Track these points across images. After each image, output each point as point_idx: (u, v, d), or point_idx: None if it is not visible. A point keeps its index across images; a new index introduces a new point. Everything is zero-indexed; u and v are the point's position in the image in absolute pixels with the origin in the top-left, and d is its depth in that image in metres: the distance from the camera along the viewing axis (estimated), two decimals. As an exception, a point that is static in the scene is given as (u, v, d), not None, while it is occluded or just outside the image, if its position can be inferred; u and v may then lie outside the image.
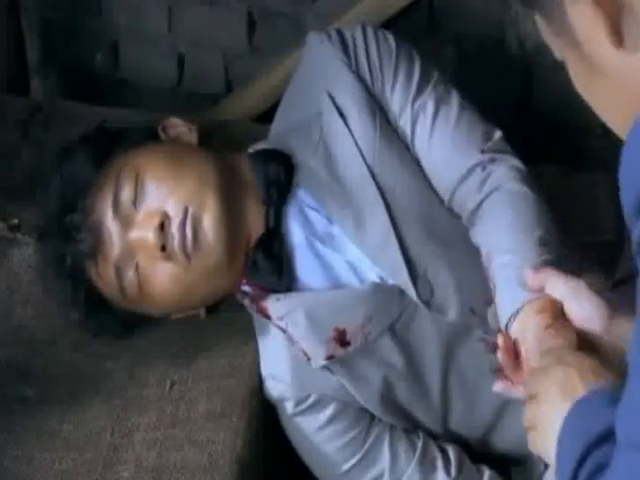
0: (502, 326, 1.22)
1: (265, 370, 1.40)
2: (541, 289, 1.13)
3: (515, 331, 1.16)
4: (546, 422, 0.98)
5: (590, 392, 0.93)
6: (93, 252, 1.36)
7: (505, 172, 1.36)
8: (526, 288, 1.16)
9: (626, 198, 0.75)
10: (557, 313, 1.11)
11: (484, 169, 1.37)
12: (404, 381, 1.36)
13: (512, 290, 1.22)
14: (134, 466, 1.30)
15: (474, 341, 1.36)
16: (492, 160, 1.37)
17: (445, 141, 1.39)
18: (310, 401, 1.37)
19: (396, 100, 1.42)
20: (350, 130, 1.41)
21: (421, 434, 1.39)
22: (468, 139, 1.39)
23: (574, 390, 0.95)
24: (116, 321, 1.42)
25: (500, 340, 1.13)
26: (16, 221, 1.51)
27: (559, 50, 0.81)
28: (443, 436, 1.40)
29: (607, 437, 0.84)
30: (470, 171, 1.37)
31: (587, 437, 0.85)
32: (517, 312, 1.18)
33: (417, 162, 1.41)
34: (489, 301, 1.34)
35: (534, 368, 1.05)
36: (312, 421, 1.37)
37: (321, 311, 1.36)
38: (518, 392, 1.11)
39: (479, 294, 1.35)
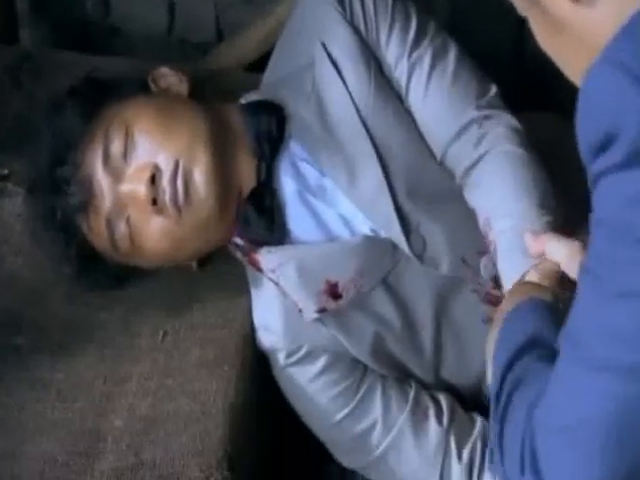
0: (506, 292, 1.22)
1: (257, 321, 1.40)
2: (542, 254, 1.15)
3: None
4: (490, 346, 1.03)
5: (518, 304, 1.00)
6: (84, 205, 1.36)
7: (502, 132, 1.36)
8: (527, 254, 1.16)
9: (582, 143, 0.79)
10: (559, 276, 1.13)
11: (480, 127, 1.36)
12: (397, 334, 1.36)
13: (515, 257, 1.24)
14: (127, 415, 1.30)
15: (466, 292, 1.37)
16: (487, 117, 1.37)
17: (441, 96, 1.38)
18: (302, 352, 1.37)
19: (392, 51, 1.41)
20: (344, 81, 1.40)
21: (413, 384, 1.39)
22: (464, 95, 1.38)
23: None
24: (108, 274, 1.42)
25: None
26: (6, 171, 1.51)
27: (522, 7, 0.85)
28: (435, 386, 1.40)
29: (529, 347, 0.91)
30: (465, 128, 1.37)
31: (511, 348, 0.92)
32: (521, 280, 1.18)
33: (410, 115, 1.40)
34: (481, 252, 1.35)
35: None
36: (304, 372, 1.37)
37: (312, 264, 1.36)
38: None
39: (471, 245, 1.35)
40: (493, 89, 1.40)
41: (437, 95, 1.38)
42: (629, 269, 0.76)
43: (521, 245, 1.21)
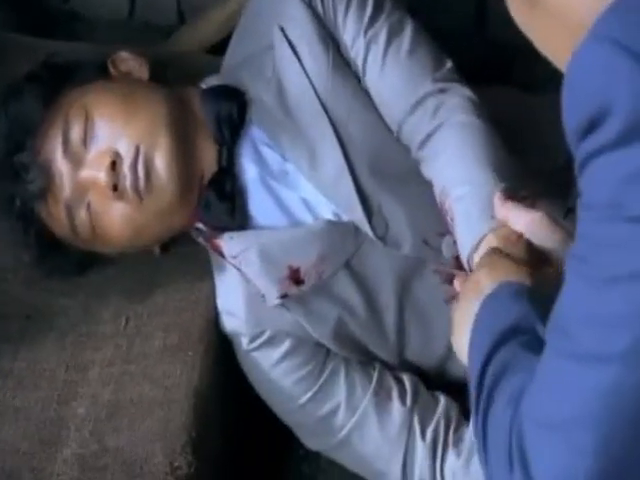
0: (464, 259, 1.23)
1: (220, 305, 1.40)
2: (505, 221, 1.14)
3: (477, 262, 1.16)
4: (460, 321, 1.01)
5: (497, 288, 0.96)
6: (43, 192, 1.35)
7: (458, 102, 1.36)
8: (488, 217, 1.16)
9: (569, 123, 0.76)
10: (523, 244, 1.12)
11: (436, 99, 1.36)
12: (360, 317, 1.37)
13: (472, 223, 1.23)
14: (89, 402, 1.30)
15: (429, 273, 1.37)
16: (443, 90, 1.37)
17: (397, 71, 1.38)
18: (265, 337, 1.37)
19: (348, 31, 1.41)
20: (302, 64, 1.39)
21: (377, 365, 1.40)
22: (420, 69, 1.38)
23: (485, 288, 0.99)
24: (69, 261, 1.41)
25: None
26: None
27: None
28: (399, 366, 1.41)
29: (510, 335, 0.87)
30: (420, 101, 1.36)
31: (491, 337, 0.88)
32: (479, 244, 1.18)
33: (369, 94, 1.40)
34: (442, 233, 1.35)
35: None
36: (267, 357, 1.37)
37: (274, 249, 1.35)
38: None
39: (432, 226, 1.35)
40: (449, 63, 1.40)
41: (393, 70, 1.38)
42: (622, 250, 0.73)
43: (479, 211, 1.22)
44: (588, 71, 0.74)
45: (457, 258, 1.35)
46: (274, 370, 1.37)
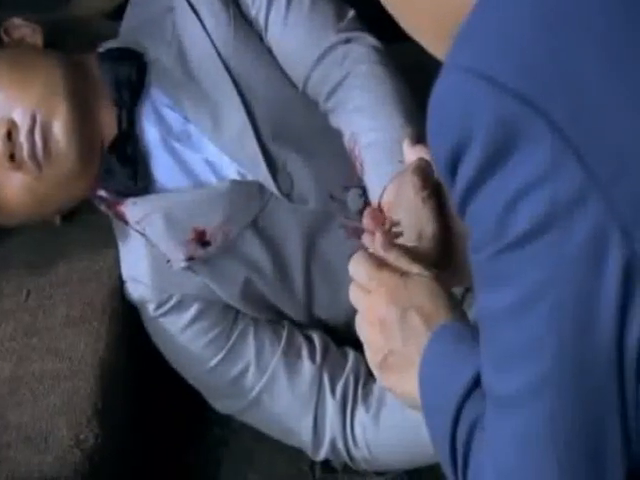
0: (374, 203, 1.21)
1: (126, 273, 1.38)
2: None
3: (386, 199, 1.11)
4: (380, 348, 0.94)
5: (435, 337, 0.88)
6: None
7: (363, 52, 1.35)
8: (402, 161, 1.14)
9: (438, 163, 0.72)
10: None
11: (341, 49, 1.36)
12: (268, 276, 1.36)
13: (381, 168, 1.23)
14: (-12, 379, 1.28)
15: (335, 229, 1.36)
16: (348, 40, 1.36)
17: (300, 25, 1.37)
18: (172, 302, 1.35)
19: (249, -13, 1.39)
20: (203, 24, 1.37)
21: (286, 324, 1.39)
22: (323, 20, 1.37)
23: (422, 334, 0.89)
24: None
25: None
26: None
27: None
28: (308, 324, 1.40)
29: (472, 387, 0.80)
30: (326, 53, 1.36)
31: (451, 397, 0.80)
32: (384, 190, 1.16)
33: (272, 53, 1.38)
34: (348, 186, 1.34)
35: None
36: (175, 322, 1.36)
37: (179, 212, 1.33)
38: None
39: (338, 180, 1.35)
40: (351, 12, 1.39)
41: (296, 25, 1.37)
42: (512, 282, 0.69)
43: (387, 157, 1.23)
44: (445, 103, 0.70)
45: (362, 212, 1.34)
46: (182, 335, 1.36)
